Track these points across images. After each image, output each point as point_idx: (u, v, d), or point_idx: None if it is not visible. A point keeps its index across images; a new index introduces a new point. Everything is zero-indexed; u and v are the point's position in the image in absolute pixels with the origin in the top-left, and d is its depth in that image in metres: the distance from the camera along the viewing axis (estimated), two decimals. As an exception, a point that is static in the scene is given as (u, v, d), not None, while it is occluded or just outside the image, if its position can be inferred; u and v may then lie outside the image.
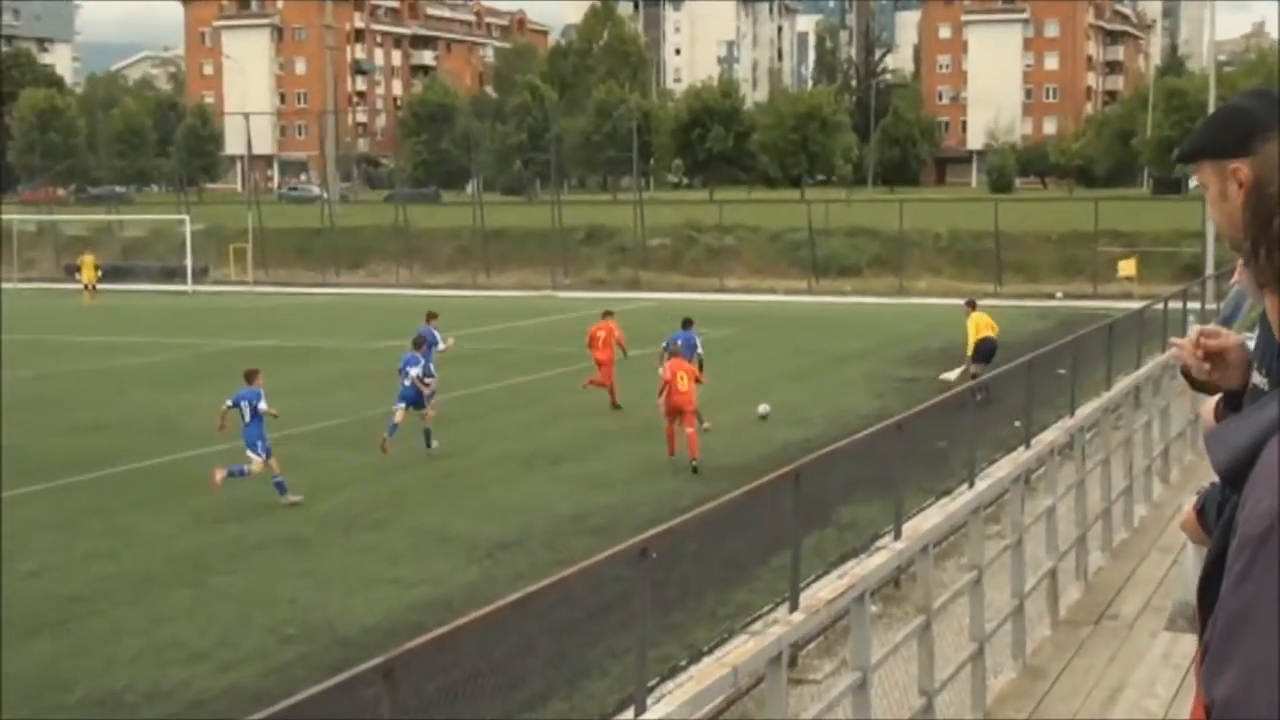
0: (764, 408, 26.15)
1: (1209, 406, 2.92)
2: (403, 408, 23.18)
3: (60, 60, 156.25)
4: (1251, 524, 1.79)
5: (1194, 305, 29.18)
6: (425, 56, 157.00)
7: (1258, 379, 2.73)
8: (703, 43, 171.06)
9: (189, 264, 64.39)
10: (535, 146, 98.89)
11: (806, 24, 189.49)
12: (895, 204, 61.89)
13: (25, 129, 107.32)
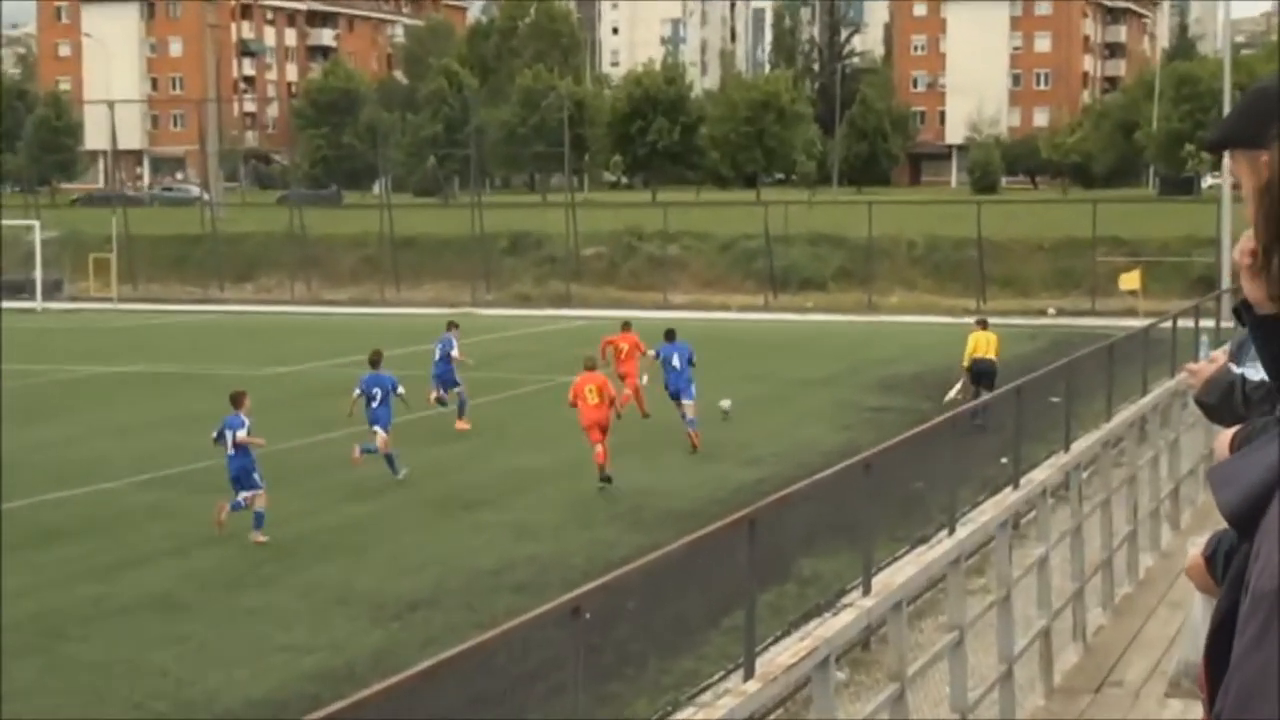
0: (726, 403, 26.40)
1: (1224, 439, 2.92)
2: (380, 431, 24.21)
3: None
4: (1265, 579, 1.79)
5: (1208, 323, 29.46)
6: (324, 36, 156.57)
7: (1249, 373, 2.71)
8: (644, 21, 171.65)
9: (39, 277, 63.74)
10: (452, 141, 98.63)
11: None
12: (864, 207, 62.18)
13: None
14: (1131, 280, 50.10)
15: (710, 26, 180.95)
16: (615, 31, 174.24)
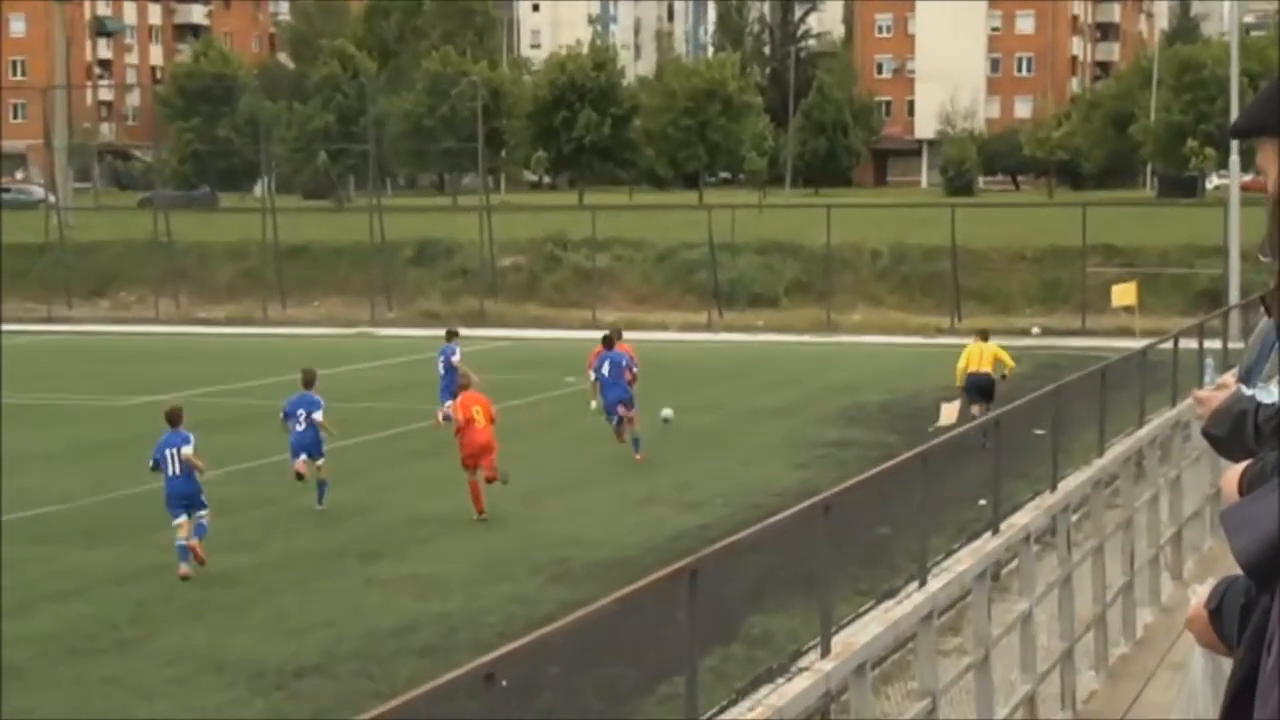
0: (667, 411, 26.48)
1: (1231, 477, 2.92)
2: (303, 459, 24.63)
3: None
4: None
5: (1213, 344, 29.70)
6: (194, 13, 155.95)
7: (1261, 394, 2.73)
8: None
9: None
10: (347, 134, 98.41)
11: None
12: (821, 211, 62.28)
13: None
14: (1126, 295, 50.40)
15: (644, 4, 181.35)
16: (536, 9, 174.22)
